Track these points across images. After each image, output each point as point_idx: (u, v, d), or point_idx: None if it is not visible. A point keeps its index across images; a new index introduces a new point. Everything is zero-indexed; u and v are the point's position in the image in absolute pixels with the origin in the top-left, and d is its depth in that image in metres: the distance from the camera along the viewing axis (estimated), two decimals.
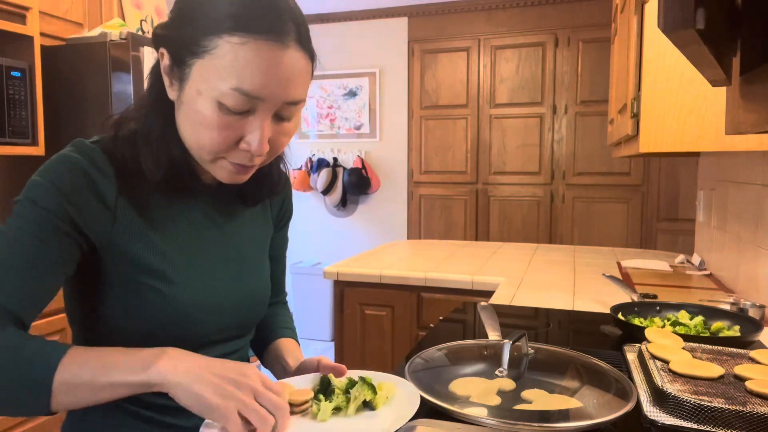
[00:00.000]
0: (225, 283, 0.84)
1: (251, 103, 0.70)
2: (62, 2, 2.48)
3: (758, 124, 0.41)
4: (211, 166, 0.77)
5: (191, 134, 0.74)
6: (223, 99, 0.69)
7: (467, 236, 4.39)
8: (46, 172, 0.72)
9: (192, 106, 0.72)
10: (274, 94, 0.71)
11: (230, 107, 0.70)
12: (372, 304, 2.23)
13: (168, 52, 0.73)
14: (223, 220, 0.87)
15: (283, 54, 0.70)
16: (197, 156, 0.77)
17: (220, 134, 0.71)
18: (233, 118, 0.71)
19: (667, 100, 1.31)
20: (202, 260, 0.82)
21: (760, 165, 1.60)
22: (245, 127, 0.72)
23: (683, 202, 3.86)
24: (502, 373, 0.91)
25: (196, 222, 0.83)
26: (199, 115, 0.71)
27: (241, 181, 0.79)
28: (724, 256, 1.97)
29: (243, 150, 0.73)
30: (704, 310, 1.32)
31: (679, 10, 0.35)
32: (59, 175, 0.72)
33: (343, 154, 4.65)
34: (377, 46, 4.51)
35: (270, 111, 0.72)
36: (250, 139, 0.72)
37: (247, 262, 0.89)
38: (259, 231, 0.94)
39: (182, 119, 0.75)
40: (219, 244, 0.85)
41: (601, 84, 3.92)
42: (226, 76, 0.68)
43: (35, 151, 2.26)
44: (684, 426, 0.80)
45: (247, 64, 0.68)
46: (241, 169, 0.76)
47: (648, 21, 1.36)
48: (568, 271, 2.18)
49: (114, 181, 0.75)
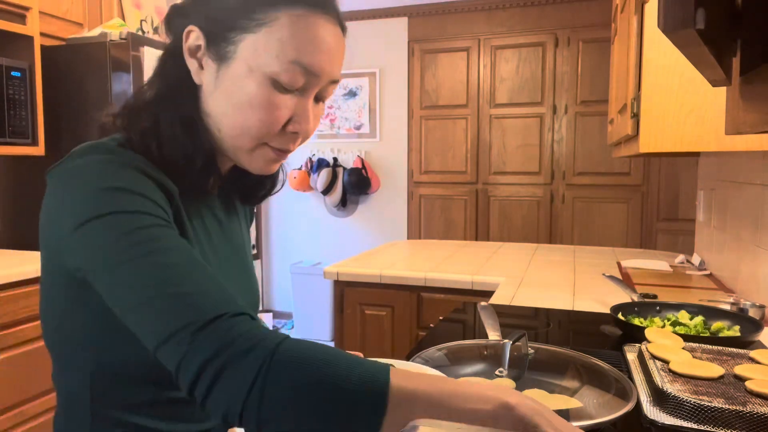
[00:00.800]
0: (231, 282, 0.83)
1: (306, 78, 0.67)
2: (62, 2, 2.48)
3: (758, 124, 0.41)
4: (248, 156, 0.71)
5: (233, 118, 0.68)
6: (279, 75, 0.65)
7: (467, 236, 4.39)
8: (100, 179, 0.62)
9: (238, 85, 0.66)
10: (326, 71, 0.69)
11: (285, 83, 0.66)
12: (372, 304, 2.23)
13: (201, 30, 0.68)
14: (226, 219, 0.85)
15: (333, 29, 0.70)
16: (235, 144, 0.70)
17: (271, 114, 0.67)
18: (285, 96, 0.67)
19: (667, 100, 1.31)
20: (213, 259, 0.80)
21: (760, 165, 1.60)
22: (295, 107, 0.68)
23: (683, 202, 3.86)
24: (502, 373, 0.91)
25: (207, 221, 0.80)
26: (247, 95, 0.66)
27: (273, 171, 0.75)
28: (724, 256, 1.97)
29: (290, 132, 0.70)
30: (704, 310, 1.32)
31: (679, 10, 0.35)
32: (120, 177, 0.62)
33: (343, 154, 4.65)
34: (377, 46, 4.51)
35: (317, 90, 0.70)
36: (301, 119, 0.69)
37: (245, 262, 0.89)
38: (245, 231, 0.94)
39: (220, 103, 0.69)
40: (224, 244, 0.84)
41: (601, 84, 3.92)
42: (286, 49, 0.65)
43: (35, 151, 2.26)
44: (684, 426, 0.80)
45: (306, 37, 0.66)
46: (281, 155, 0.72)
47: (648, 21, 1.36)
48: (568, 271, 2.18)
49: (169, 180, 0.68)
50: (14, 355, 1.94)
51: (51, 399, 2.09)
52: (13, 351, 1.94)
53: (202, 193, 0.77)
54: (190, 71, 0.70)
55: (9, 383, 1.93)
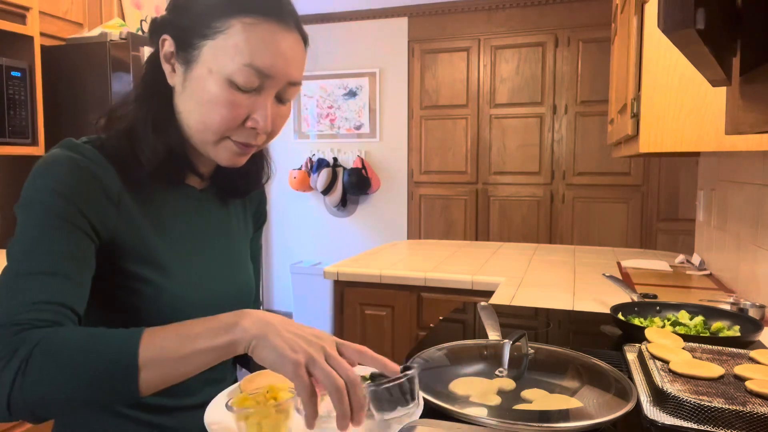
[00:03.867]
0: (215, 277, 0.86)
1: (261, 80, 0.74)
2: (62, 2, 2.48)
3: (758, 124, 0.41)
4: (214, 149, 0.79)
5: (198, 115, 0.76)
6: (234, 76, 0.73)
7: (467, 236, 4.39)
8: (45, 176, 0.72)
9: (201, 85, 0.75)
10: (281, 73, 0.75)
11: (241, 84, 0.74)
12: (372, 304, 2.23)
13: (172, 38, 0.77)
14: (213, 215, 0.89)
15: (289, 35, 0.76)
16: (201, 139, 0.78)
17: (230, 111, 0.74)
18: (242, 96, 0.74)
19: (667, 100, 1.31)
20: (194, 254, 0.84)
21: (760, 165, 1.60)
22: (252, 105, 0.76)
23: (683, 202, 3.86)
24: (502, 373, 0.91)
25: (188, 216, 0.85)
26: (208, 94, 0.74)
27: (240, 163, 0.81)
28: (724, 256, 1.97)
29: (249, 128, 0.77)
30: (704, 310, 1.32)
31: (679, 10, 0.35)
32: (58, 177, 0.72)
33: (343, 154, 4.65)
34: (377, 46, 4.51)
35: (274, 90, 0.76)
36: (258, 116, 0.76)
37: (235, 257, 0.91)
38: (242, 227, 0.97)
39: (187, 101, 0.77)
40: (209, 239, 0.88)
41: (601, 84, 3.92)
42: (239, 53, 0.73)
43: (35, 151, 2.26)
44: (684, 426, 0.80)
45: (259, 42, 0.73)
46: (244, 149, 0.79)
47: (648, 21, 1.36)
48: (568, 271, 2.18)
49: (116, 175, 0.76)
50: None
51: None
52: None
53: (177, 186, 0.84)
54: (165, 75, 0.79)
55: None
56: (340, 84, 4.62)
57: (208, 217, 0.89)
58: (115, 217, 0.76)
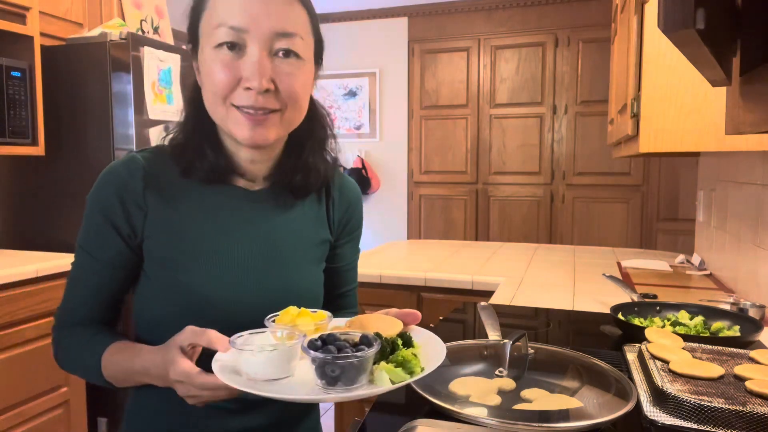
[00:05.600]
0: (249, 279, 0.84)
1: (239, 35, 0.77)
2: (62, 2, 2.48)
3: (758, 124, 0.41)
4: (229, 124, 0.80)
5: (206, 91, 0.81)
6: (216, 39, 0.77)
7: (467, 236, 4.39)
8: (93, 191, 0.85)
9: (203, 64, 0.80)
10: (258, 25, 0.76)
11: (223, 44, 0.77)
12: (372, 304, 2.23)
13: (190, 43, 0.84)
14: (260, 217, 0.87)
15: None
16: (216, 116, 0.81)
17: (222, 73, 0.77)
18: (229, 56, 0.77)
19: (667, 100, 1.31)
20: (227, 255, 0.84)
21: (760, 165, 1.60)
22: (242, 65, 0.77)
23: (683, 202, 3.86)
24: (502, 373, 0.91)
25: (225, 211, 0.86)
26: (206, 66, 0.79)
27: (261, 138, 0.80)
28: (724, 256, 1.97)
29: (245, 89, 0.77)
30: (704, 310, 1.32)
31: (679, 10, 0.35)
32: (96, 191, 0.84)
33: (343, 154, 4.65)
34: (377, 46, 4.51)
35: (261, 44, 0.77)
36: (248, 73, 0.77)
37: (284, 261, 0.88)
38: (311, 231, 0.93)
39: (203, 87, 0.82)
40: (250, 241, 0.86)
41: (601, 84, 3.92)
42: (216, 18, 0.77)
43: (35, 151, 2.26)
44: (684, 426, 0.80)
45: (230, 2, 0.77)
46: (252, 118, 0.78)
47: (648, 21, 1.36)
48: (568, 271, 2.18)
49: (141, 179, 0.82)
50: (14, 355, 1.94)
51: (51, 399, 2.09)
52: (13, 351, 1.94)
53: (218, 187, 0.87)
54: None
55: (9, 383, 1.93)
56: (340, 84, 4.62)
57: (253, 220, 0.86)
58: (143, 218, 0.83)
